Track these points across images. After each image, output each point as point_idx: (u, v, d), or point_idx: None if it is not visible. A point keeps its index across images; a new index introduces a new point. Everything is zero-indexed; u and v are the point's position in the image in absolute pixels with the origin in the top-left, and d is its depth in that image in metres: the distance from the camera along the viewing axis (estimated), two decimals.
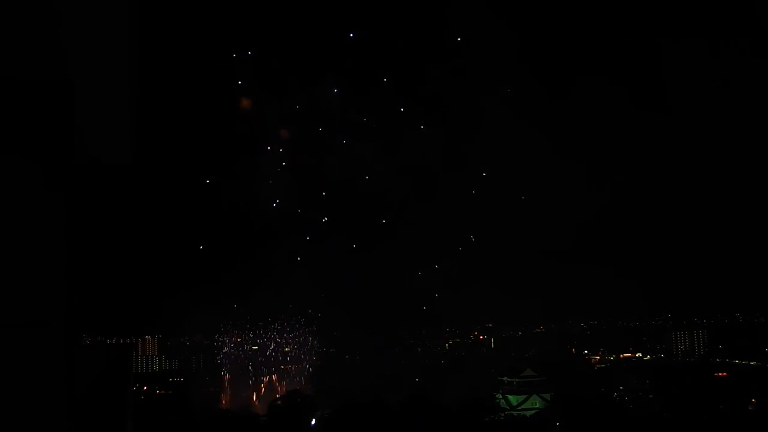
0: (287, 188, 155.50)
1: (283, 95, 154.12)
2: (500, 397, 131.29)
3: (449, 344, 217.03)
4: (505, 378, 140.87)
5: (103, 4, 5.92)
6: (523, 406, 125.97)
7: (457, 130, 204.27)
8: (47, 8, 5.74)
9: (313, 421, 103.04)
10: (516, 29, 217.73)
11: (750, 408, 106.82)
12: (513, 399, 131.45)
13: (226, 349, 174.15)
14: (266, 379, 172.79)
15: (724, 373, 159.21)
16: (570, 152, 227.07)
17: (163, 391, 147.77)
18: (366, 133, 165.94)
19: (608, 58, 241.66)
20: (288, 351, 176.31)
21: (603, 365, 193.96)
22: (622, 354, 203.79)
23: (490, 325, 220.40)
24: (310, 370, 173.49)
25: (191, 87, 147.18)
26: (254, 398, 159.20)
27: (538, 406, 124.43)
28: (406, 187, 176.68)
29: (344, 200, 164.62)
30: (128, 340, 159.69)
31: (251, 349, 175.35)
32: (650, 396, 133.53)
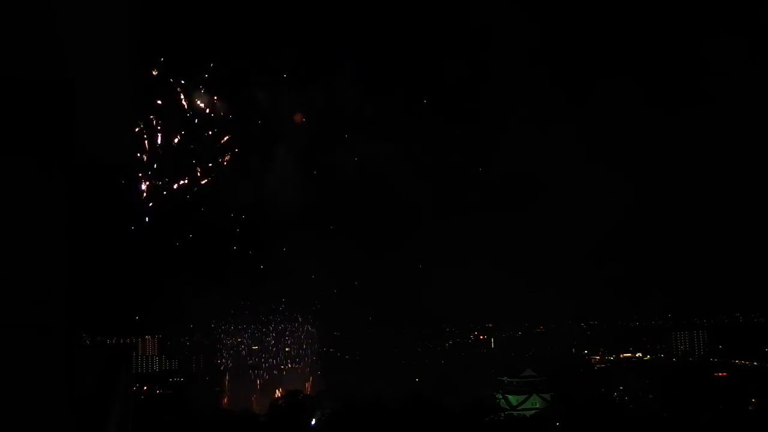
0: (296, 186, 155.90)
1: (298, 91, 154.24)
2: (500, 397, 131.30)
3: (449, 344, 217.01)
4: (505, 378, 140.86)
5: (102, 4, 5.92)
6: (523, 406, 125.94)
7: (479, 130, 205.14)
8: (47, 8, 5.74)
9: (313, 421, 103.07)
10: (544, 27, 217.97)
11: (750, 408, 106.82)
12: (513, 399, 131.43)
13: (226, 348, 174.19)
14: (266, 378, 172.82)
15: (724, 373, 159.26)
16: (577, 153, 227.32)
17: (163, 391, 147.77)
18: (384, 131, 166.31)
19: (632, 59, 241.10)
20: (288, 351, 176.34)
21: (603, 365, 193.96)
22: (622, 354, 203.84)
23: (490, 325, 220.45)
24: (310, 370, 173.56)
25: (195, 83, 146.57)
26: (254, 398, 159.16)
27: (538, 406, 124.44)
28: (424, 188, 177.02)
29: (357, 199, 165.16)
30: (128, 340, 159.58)
31: (251, 349, 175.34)
32: (650, 396, 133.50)
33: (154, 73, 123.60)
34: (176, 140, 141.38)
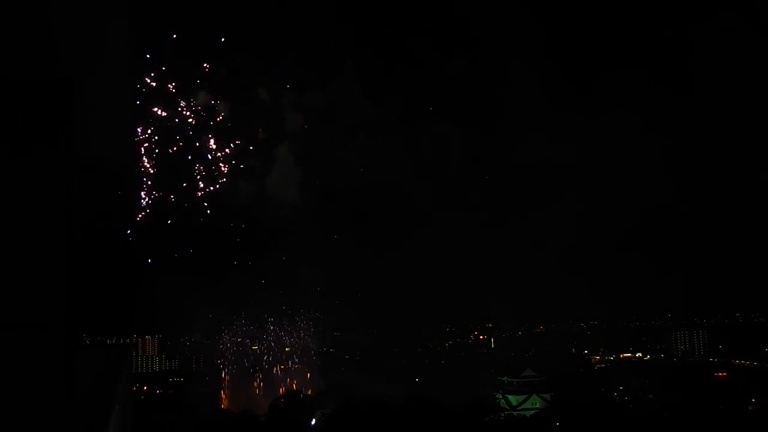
0: (298, 185, 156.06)
1: (299, 90, 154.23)
2: (500, 397, 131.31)
3: (449, 344, 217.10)
4: (505, 378, 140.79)
5: (103, 6, 5.93)
6: (523, 406, 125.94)
7: (478, 125, 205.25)
8: (47, 10, 5.74)
9: (313, 421, 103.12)
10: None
11: (750, 408, 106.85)
12: (513, 399, 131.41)
13: (226, 349, 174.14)
14: (266, 378, 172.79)
15: (724, 373, 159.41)
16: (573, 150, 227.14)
17: (163, 391, 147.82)
18: (385, 129, 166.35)
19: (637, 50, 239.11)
20: (288, 351, 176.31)
21: (603, 365, 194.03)
22: (622, 354, 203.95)
23: (490, 325, 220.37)
24: (310, 370, 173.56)
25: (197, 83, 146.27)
26: (254, 398, 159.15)
27: (538, 406, 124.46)
28: (425, 186, 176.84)
29: (357, 199, 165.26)
30: (128, 340, 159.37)
31: (251, 349, 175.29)
32: (650, 396, 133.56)
33: (153, 83, 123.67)
34: (175, 146, 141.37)
